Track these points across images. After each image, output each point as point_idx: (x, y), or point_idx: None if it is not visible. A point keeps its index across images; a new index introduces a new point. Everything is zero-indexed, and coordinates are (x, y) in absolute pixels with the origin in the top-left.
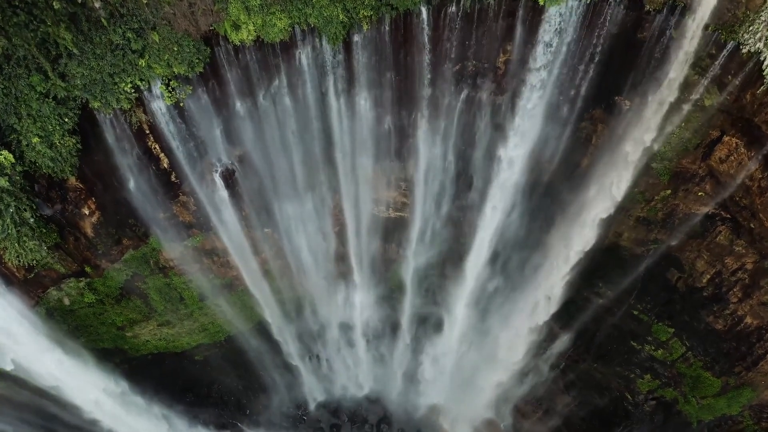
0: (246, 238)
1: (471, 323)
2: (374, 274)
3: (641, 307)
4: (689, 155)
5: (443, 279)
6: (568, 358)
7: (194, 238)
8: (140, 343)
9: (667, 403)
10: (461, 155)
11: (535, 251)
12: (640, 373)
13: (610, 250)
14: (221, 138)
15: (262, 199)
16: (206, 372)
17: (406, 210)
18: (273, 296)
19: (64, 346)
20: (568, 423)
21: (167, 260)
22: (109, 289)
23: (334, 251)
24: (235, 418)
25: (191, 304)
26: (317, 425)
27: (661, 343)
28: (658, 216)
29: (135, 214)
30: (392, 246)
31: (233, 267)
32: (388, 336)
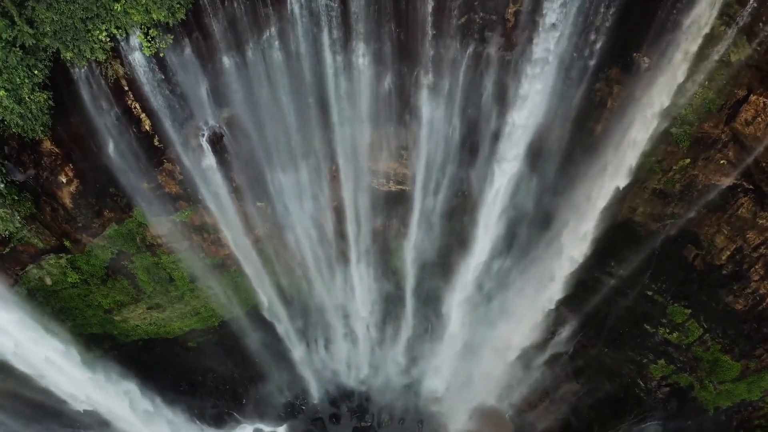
0: (237, 213)
1: (476, 306)
2: (374, 254)
3: (656, 288)
4: (712, 118)
5: (447, 258)
6: (577, 343)
7: (182, 212)
8: (130, 328)
9: (681, 390)
10: (466, 119)
11: (544, 226)
12: (654, 358)
13: (624, 226)
14: (207, 98)
15: (254, 169)
16: (200, 359)
17: (407, 182)
18: (268, 278)
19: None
20: (576, 412)
21: (154, 237)
22: (93, 268)
23: (332, 229)
24: (230, 407)
25: (181, 285)
26: (316, 415)
27: (677, 325)
28: (676, 188)
29: (116, 183)
30: (393, 223)
31: (225, 245)
32: (389, 320)
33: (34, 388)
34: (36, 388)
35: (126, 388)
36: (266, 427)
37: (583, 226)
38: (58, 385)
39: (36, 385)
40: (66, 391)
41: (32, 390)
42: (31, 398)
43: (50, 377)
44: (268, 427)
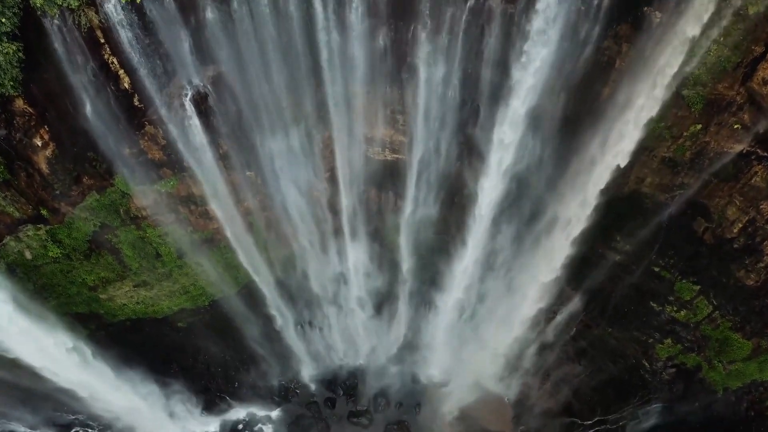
0: (225, 183)
1: (475, 284)
2: (369, 229)
3: (663, 263)
4: (727, 78)
5: (445, 233)
6: (579, 323)
7: (167, 181)
8: (116, 307)
9: (688, 371)
10: (467, 79)
11: (548, 198)
12: (660, 338)
13: (631, 198)
14: (190, 53)
15: (242, 133)
16: (190, 341)
17: (403, 150)
18: (259, 254)
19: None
20: (578, 394)
21: (139, 209)
22: (75, 242)
23: (326, 202)
24: (222, 390)
25: (169, 261)
26: (310, 399)
27: (685, 303)
28: (686, 156)
29: (95, 147)
30: (389, 195)
31: (213, 218)
32: (386, 300)
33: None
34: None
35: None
36: (259, 411)
37: (587, 198)
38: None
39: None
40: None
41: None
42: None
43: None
44: (261, 411)
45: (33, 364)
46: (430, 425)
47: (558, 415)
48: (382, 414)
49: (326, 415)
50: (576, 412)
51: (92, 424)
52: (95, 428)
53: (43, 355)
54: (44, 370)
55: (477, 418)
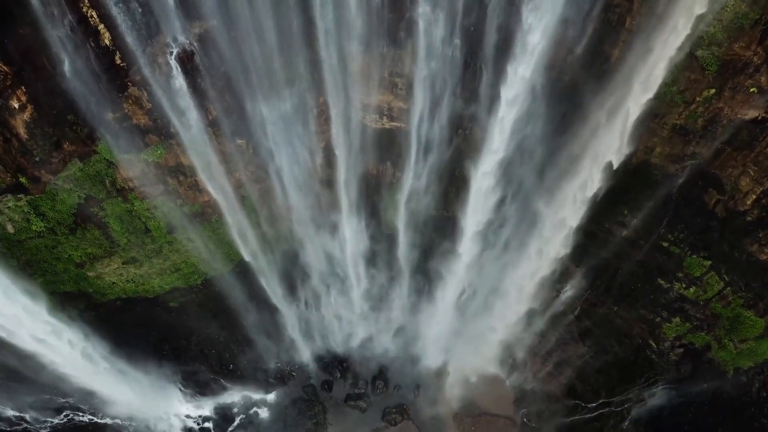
0: (215, 152)
1: (476, 262)
2: (366, 203)
3: (672, 238)
4: (743, 36)
5: (444, 209)
6: (584, 302)
7: (154, 149)
8: (105, 286)
9: (696, 351)
10: (469, 38)
11: (552, 169)
12: (668, 316)
13: (639, 169)
14: (176, 8)
15: (231, 97)
16: (183, 321)
17: (402, 118)
18: (252, 229)
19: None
20: (582, 376)
21: (125, 180)
22: (60, 215)
23: (321, 174)
24: (216, 373)
25: (158, 237)
26: (307, 382)
27: (694, 279)
28: (698, 123)
29: (75, 110)
30: (387, 166)
31: (203, 190)
32: (383, 279)
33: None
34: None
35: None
36: (254, 394)
37: (594, 168)
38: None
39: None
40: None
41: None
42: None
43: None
44: (256, 394)
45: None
46: (429, 408)
47: (561, 397)
48: (381, 397)
49: (323, 398)
50: (579, 394)
51: (83, 407)
52: (86, 412)
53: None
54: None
55: (477, 401)
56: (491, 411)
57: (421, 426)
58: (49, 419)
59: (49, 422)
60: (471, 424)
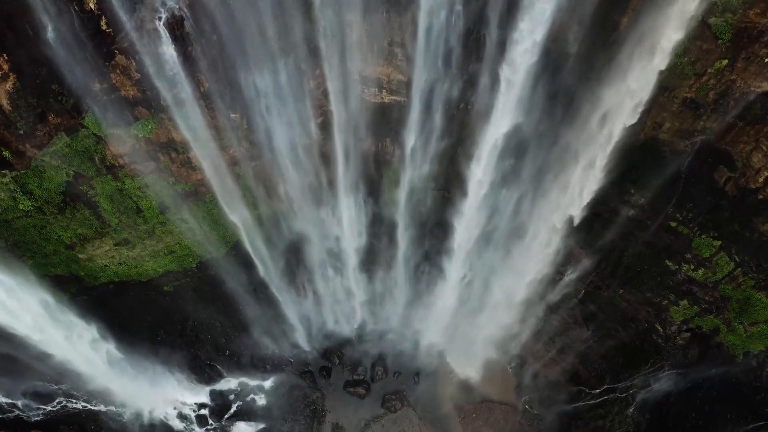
0: (208, 127)
1: (478, 244)
2: (365, 182)
3: (681, 218)
4: (759, 2)
5: (446, 189)
6: (588, 285)
7: (144, 124)
8: (97, 269)
9: (704, 335)
10: (472, 4)
11: (557, 146)
12: (675, 299)
13: (647, 146)
14: None
15: (224, 67)
16: (178, 306)
17: (402, 91)
18: (248, 210)
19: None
20: (586, 361)
21: (115, 156)
22: (47, 194)
23: (318, 151)
24: (212, 359)
25: (151, 217)
26: (305, 368)
27: (703, 260)
28: (709, 96)
29: (60, 79)
30: (386, 143)
31: (196, 168)
32: (383, 261)
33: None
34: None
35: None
36: (252, 381)
37: (600, 144)
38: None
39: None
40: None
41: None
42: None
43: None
44: (253, 380)
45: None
46: (429, 395)
47: (563, 383)
48: (380, 383)
49: (321, 384)
50: (583, 380)
51: (76, 394)
52: (80, 399)
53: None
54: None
55: (478, 388)
56: (492, 398)
57: (421, 413)
58: (42, 406)
59: (41, 409)
60: (472, 411)
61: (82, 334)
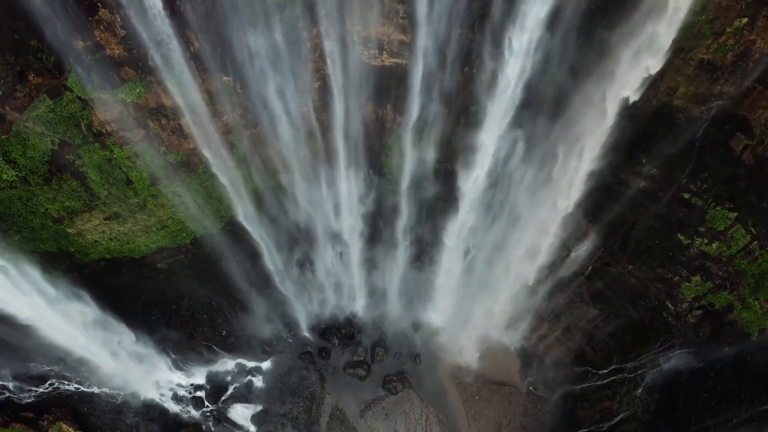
0: (199, 91)
1: (482, 219)
2: (366, 153)
3: (695, 188)
4: None
5: (449, 161)
6: (596, 261)
7: (132, 87)
8: (88, 244)
9: (716, 313)
10: None
11: (564, 113)
12: (687, 275)
13: (660, 113)
14: None
15: (215, 24)
16: (172, 284)
17: (404, 54)
18: (242, 182)
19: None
20: (593, 341)
21: (102, 123)
22: (32, 163)
23: (315, 119)
24: (208, 339)
25: (141, 189)
26: (303, 349)
27: (718, 233)
28: (727, 58)
29: (39, 34)
30: (387, 110)
31: (188, 136)
32: (384, 238)
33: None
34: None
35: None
36: (249, 362)
37: (609, 112)
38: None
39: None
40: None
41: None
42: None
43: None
44: (251, 361)
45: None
46: (431, 376)
47: (569, 364)
48: (380, 365)
49: (320, 366)
50: (589, 360)
51: (69, 375)
52: (72, 380)
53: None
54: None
55: (481, 369)
56: (496, 379)
57: (423, 395)
58: (33, 388)
59: (33, 391)
60: (474, 392)
61: (73, 312)
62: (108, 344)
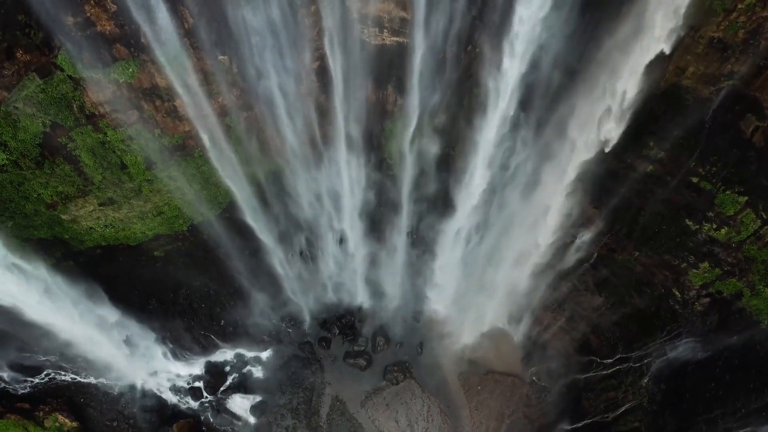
0: (195, 71)
1: (483, 205)
2: (366, 136)
3: (703, 172)
4: None
5: (452, 147)
6: (602, 247)
7: (125, 66)
8: (83, 231)
9: (724, 300)
10: None
11: (570, 92)
12: (695, 262)
13: (669, 94)
14: None
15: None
16: (170, 272)
17: (405, 32)
18: (240, 167)
19: None
20: (597, 330)
21: (95, 104)
22: (23, 146)
23: (314, 100)
24: (207, 329)
25: (136, 174)
26: (303, 339)
27: (727, 218)
28: (739, 36)
29: (27, 9)
30: (388, 91)
31: (183, 118)
32: (385, 224)
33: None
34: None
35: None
36: (248, 352)
37: (619, 90)
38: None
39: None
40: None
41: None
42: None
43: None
44: (250, 352)
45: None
46: (432, 367)
47: (573, 354)
48: (382, 354)
49: (321, 356)
50: (594, 349)
51: (65, 366)
52: (68, 371)
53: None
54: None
55: (483, 360)
56: (498, 369)
57: (425, 385)
58: (29, 378)
59: (29, 381)
60: (477, 383)
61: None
62: (104, 332)
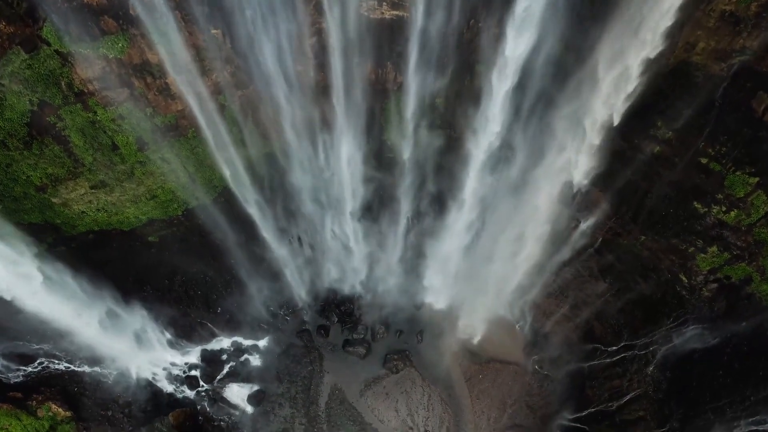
0: (186, 46)
1: (485, 189)
2: (365, 115)
3: (713, 153)
4: None
5: (451, 128)
6: (606, 232)
7: (114, 41)
8: (75, 216)
9: (732, 286)
10: None
11: (576, 71)
12: (703, 246)
13: (678, 71)
14: None
15: None
16: (165, 258)
17: (405, 5)
18: (235, 148)
19: None
20: (602, 317)
21: (84, 81)
22: (10, 125)
23: (312, 79)
24: (203, 316)
25: (128, 155)
26: (301, 327)
27: (737, 201)
28: (751, 9)
29: None
30: (387, 68)
31: (176, 96)
32: (384, 209)
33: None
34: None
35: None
36: (245, 340)
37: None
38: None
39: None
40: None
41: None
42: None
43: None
44: (247, 340)
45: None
46: (433, 355)
47: (577, 341)
48: (381, 342)
49: (319, 344)
50: (598, 337)
51: (59, 354)
52: (62, 359)
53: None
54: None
55: (484, 348)
56: (500, 358)
57: (425, 373)
58: (22, 367)
59: (21, 370)
60: (478, 371)
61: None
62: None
